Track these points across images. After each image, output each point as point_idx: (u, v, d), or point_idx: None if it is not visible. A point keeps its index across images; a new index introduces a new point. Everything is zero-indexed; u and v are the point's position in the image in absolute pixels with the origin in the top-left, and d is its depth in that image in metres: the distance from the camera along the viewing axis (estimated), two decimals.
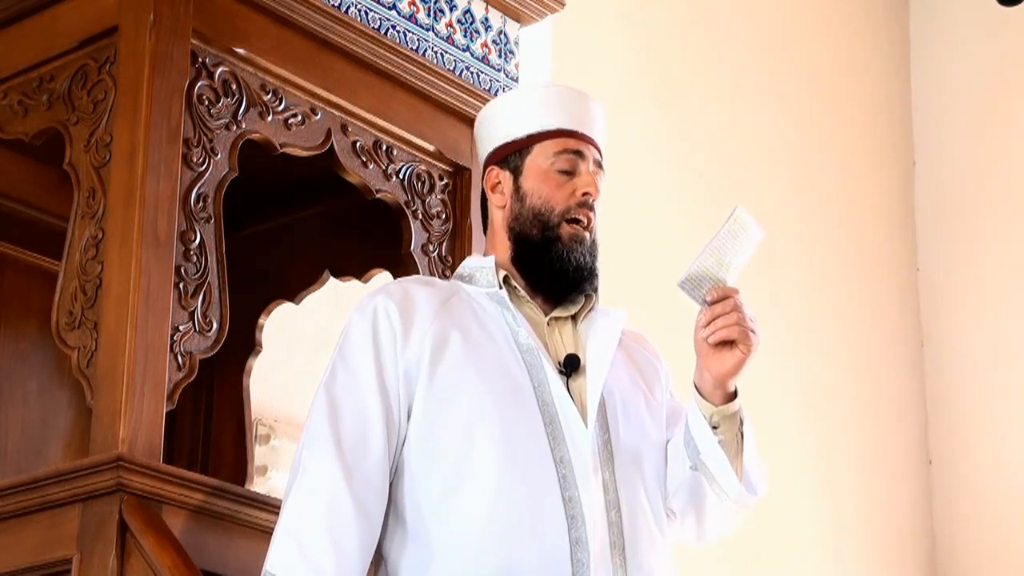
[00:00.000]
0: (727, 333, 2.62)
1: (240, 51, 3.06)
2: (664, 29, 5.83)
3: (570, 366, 2.69)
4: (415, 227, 3.30)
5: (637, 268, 5.41)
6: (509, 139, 2.83)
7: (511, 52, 3.51)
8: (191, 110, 2.96)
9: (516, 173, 2.81)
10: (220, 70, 3.04)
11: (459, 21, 3.43)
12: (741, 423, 2.69)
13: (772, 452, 5.80)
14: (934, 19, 6.94)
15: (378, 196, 3.28)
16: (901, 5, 7.03)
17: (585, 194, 2.77)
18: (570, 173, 2.78)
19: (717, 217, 2.67)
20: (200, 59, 3.00)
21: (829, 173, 6.45)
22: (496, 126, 2.86)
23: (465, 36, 3.43)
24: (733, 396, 2.68)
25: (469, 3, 3.45)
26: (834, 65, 6.61)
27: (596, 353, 2.72)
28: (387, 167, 3.29)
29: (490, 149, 2.86)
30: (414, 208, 3.29)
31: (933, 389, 6.63)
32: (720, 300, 2.62)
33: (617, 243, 5.37)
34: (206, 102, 2.99)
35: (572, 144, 2.80)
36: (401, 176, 3.30)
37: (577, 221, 2.76)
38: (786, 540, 5.83)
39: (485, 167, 2.86)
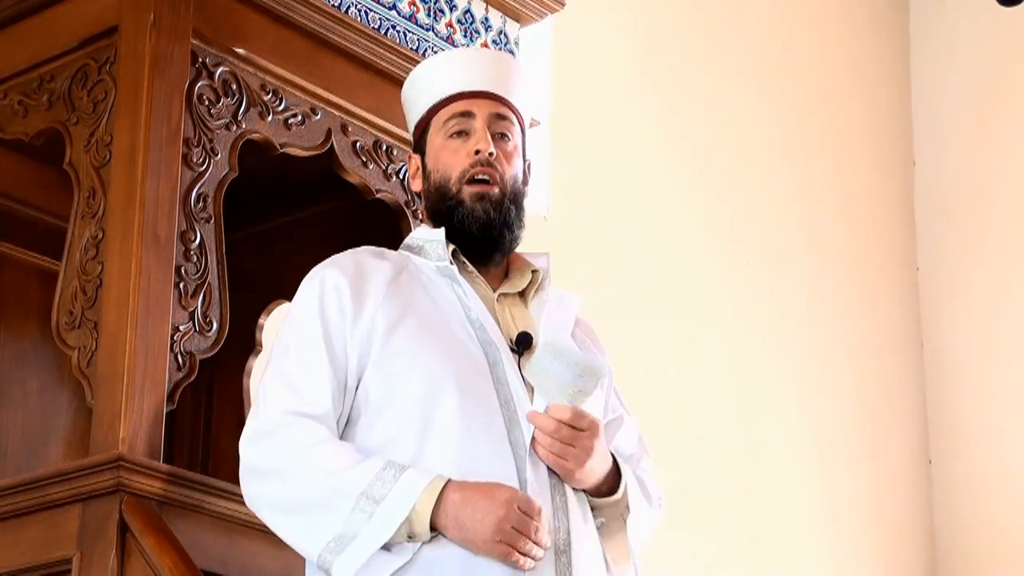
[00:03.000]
0: (547, 458, 2.53)
1: (240, 51, 3.06)
2: (664, 29, 5.83)
3: (523, 344, 2.63)
4: (415, 227, 3.30)
5: (636, 267, 5.41)
6: (415, 122, 2.80)
7: (511, 52, 3.50)
8: (191, 110, 2.96)
9: (423, 154, 2.77)
10: (220, 70, 3.04)
11: (459, 21, 3.43)
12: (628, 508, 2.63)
13: (772, 452, 5.83)
14: (934, 19, 6.94)
15: (378, 196, 3.27)
16: (901, 5, 7.02)
17: (477, 152, 2.69)
18: (465, 134, 2.72)
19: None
20: (200, 59, 3.00)
21: (829, 173, 6.45)
22: (407, 111, 2.83)
23: (465, 36, 3.43)
24: (610, 491, 2.61)
25: (469, 3, 3.45)
26: (834, 65, 6.61)
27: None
28: (387, 167, 3.29)
29: (411, 137, 2.82)
30: (414, 208, 3.29)
31: (933, 389, 6.62)
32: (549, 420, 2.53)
33: (617, 243, 5.38)
34: (206, 102, 2.99)
35: (459, 107, 2.73)
36: (401, 176, 3.30)
37: (478, 180, 2.69)
38: (786, 540, 5.83)
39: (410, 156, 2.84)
